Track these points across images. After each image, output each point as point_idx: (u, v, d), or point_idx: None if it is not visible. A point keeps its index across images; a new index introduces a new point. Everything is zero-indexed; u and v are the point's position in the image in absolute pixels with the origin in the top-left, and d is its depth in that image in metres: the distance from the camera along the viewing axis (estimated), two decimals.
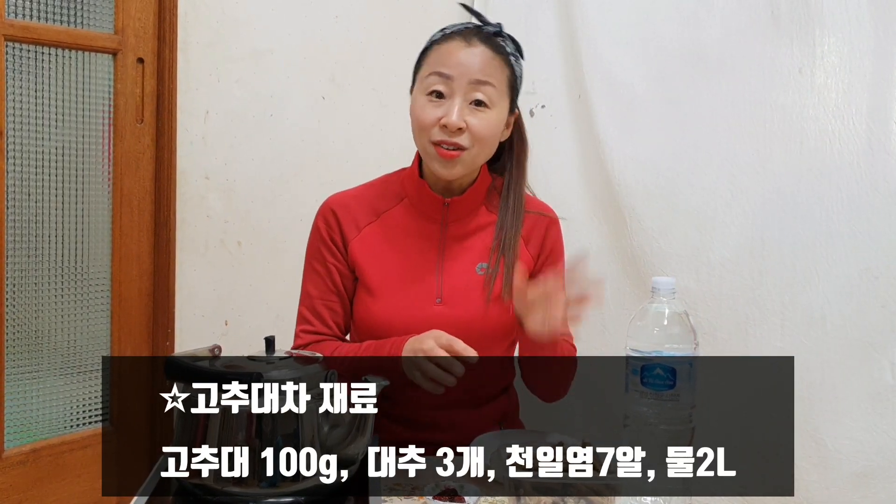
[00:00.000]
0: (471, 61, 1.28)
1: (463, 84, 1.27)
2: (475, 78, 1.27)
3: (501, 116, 1.32)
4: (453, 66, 1.28)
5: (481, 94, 1.28)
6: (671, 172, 2.11)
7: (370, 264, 1.37)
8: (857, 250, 1.91)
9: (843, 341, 1.92)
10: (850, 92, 1.92)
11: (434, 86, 1.29)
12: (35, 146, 1.64)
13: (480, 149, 1.30)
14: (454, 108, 1.26)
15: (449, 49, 1.30)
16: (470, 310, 1.35)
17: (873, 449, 1.90)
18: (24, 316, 1.65)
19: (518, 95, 1.38)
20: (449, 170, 1.30)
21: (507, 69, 1.33)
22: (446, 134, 1.27)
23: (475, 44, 1.29)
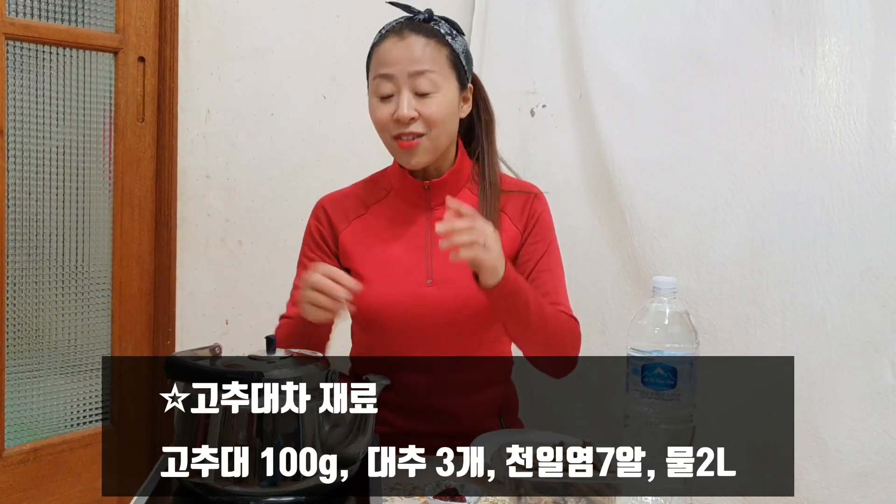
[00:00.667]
0: (405, 54, 1.33)
1: (404, 78, 1.33)
2: (413, 70, 1.32)
3: (451, 97, 1.36)
4: (391, 63, 1.34)
5: (423, 84, 1.32)
6: (672, 172, 2.11)
7: (360, 252, 1.41)
8: (857, 250, 1.91)
9: (843, 341, 1.92)
10: (850, 92, 1.92)
11: (380, 88, 1.36)
12: (36, 145, 1.64)
13: (439, 131, 1.35)
14: (402, 101, 1.32)
15: (385, 48, 1.36)
16: (460, 289, 1.35)
17: (874, 449, 1.90)
18: (24, 315, 1.65)
19: (467, 70, 1.40)
20: (413, 158, 1.36)
21: (445, 48, 1.36)
22: (401, 127, 1.33)
23: (406, 35, 1.34)
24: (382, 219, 1.43)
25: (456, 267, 1.34)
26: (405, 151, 1.36)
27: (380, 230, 1.43)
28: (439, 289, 1.38)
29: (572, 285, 2.20)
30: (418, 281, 1.38)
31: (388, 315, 1.37)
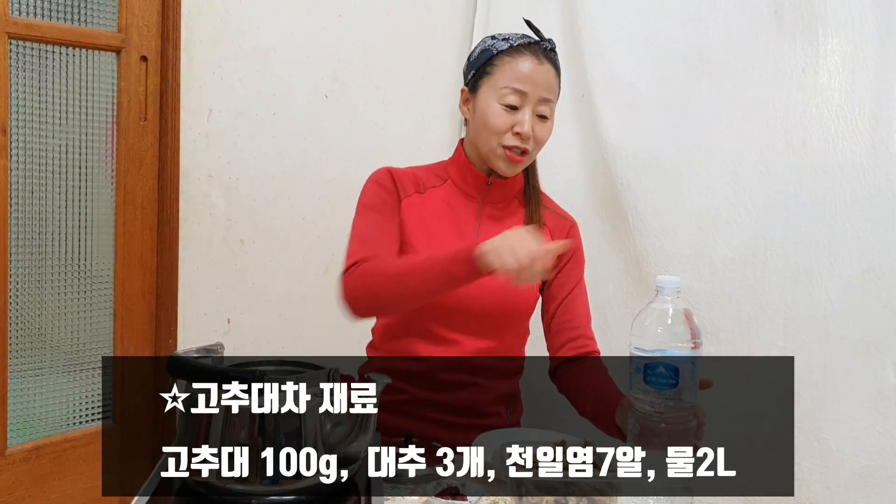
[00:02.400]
0: (543, 80, 1.44)
1: (534, 100, 1.44)
2: (544, 96, 1.44)
3: (553, 124, 1.49)
4: (527, 83, 1.43)
5: (546, 110, 1.45)
6: (674, 171, 2.11)
7: (415, 224, 1.48)
8: (859, 250, 1.90)
9: (845, 341, 1.92)
10: (853, 92, 1.92)
11: (509, 98, 1.44)
12: (39, 144, 1.64)
13: (537, 152, 1.49)
14: (526, 120, 1.43)
15: (526, 66, 1.45)
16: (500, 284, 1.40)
17: (875, 449, 1.89)
18: (27, 313, 1.66)
19: None
20: (514, 169, 1.48)
21: (559, 84, 1.50)
22: (518, 140, 1.43)
23: (544, 62, 1.45)
24: (438, 202, 1.51)
25: None
26: (511, 163, 1.46)
27: (435, 210, 1.50)
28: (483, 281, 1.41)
29: None
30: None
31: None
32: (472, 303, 1.44)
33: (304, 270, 2.13)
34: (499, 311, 1.47)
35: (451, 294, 1.39)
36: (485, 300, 1.44)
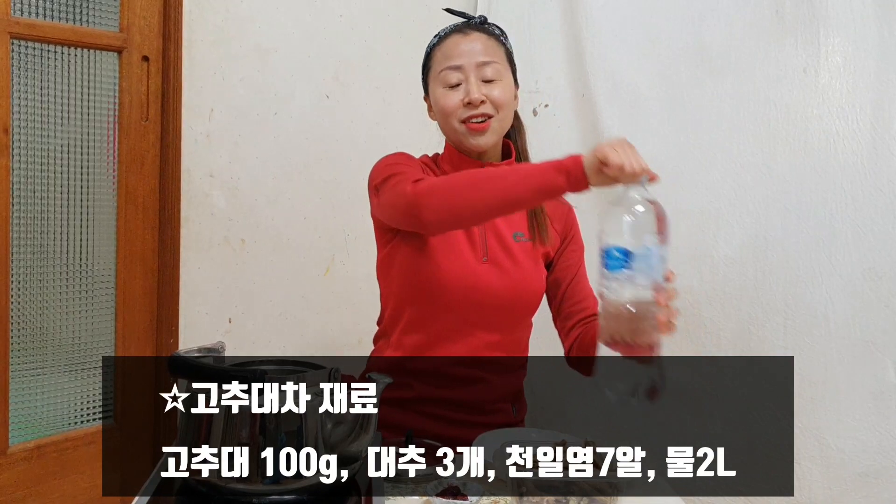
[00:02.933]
0: (472, 47, 1.45)
1: (472, 67, 1.44)
2: (480, 60, 1.44)
3: (510, 86, 1.48)
4: (458, 56, 1.45)
5: (489, 72, 1.44)
6: (674, 171, 2.11)
7: None
8: (860, 250, 1.90)
9: (846, 341, 1.92)
10: (854, 92, 1.92)
11: (448, 78, 1.45)
12: (40, 144, 1.65)
13: (504, 113, 1.46)
14: (472, 86, 1.43)
15: (451, 44, 1.47)
16: (513, 270, 1.47)
17: (876, 449, 1.90)
18: (29, 313, 1.66)
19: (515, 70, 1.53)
20: (482, 138, 1.46)
21: (503, 47, 1.50)
22: (471, 110, 1.43)
23: (469, 33, 1.47)
24: None
25: (507, 249, 1.48)
26: (476, 133, 1.45)
27: None
28: (494, 266, 1.46)
29: None
30: (475, 257, 1.46)
31: (445, 289, 1.43)
32: (484, 294, 1.44)
33: (305, 270, 2.13)
34: (510, 302, 1.47)
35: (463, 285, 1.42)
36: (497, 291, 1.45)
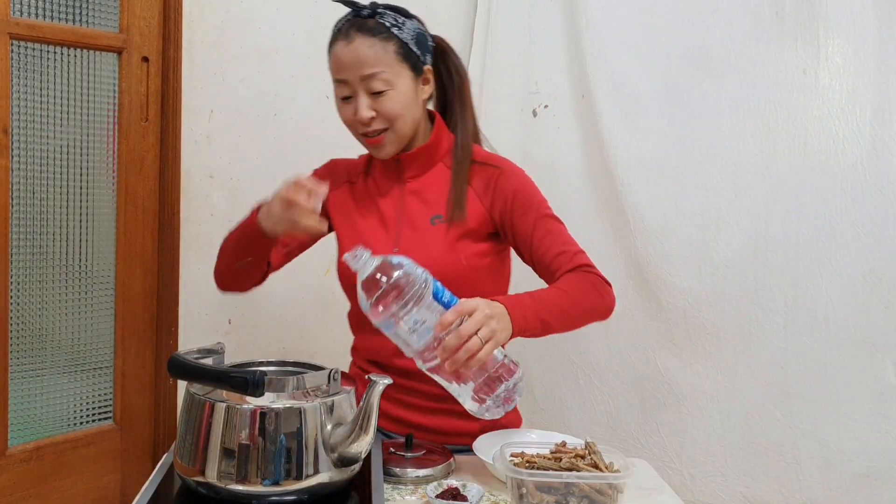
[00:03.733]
0: (354, 59, 1.39)
1: (357, 82, 1.40)
2: (363, 74, 1.39)
3: (405, 89, 1.42)
4: (343, 70, 1.41)
5: (376, 84, 1.39)
6: (675, 173, 2.11)
7: (339, 218, 1.54)
8: (860, 251, 1.91)
9: (846, 342, 1.92)
10: (854, 93, 1.92)
11: (340, 91, 1.44)
12: (40, 144, 1.64)
13: (400, 123, 1.43)
14: (359, 105, 1.40)
15: (336, 54, 1.43)
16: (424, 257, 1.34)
17: (877, 450, 1.90)
18: (28, 314, 1.66)
19: (420, 54, 1.44)
20: (381, 151, 1.46)
21: (391, 43, 1.40)
22: (364, 127, 1.43)
23: (353, 38, 1.40)
24: (362, 192, 1.54)
25: (420, 236, 1.45)
26: (373, 147, 1.46)
27: (361, 200, 1.53)
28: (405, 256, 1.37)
29: None
30: (385, 248, 1.44)
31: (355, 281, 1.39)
32: None
33: (305, 271, 2.12)
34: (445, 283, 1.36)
35: None
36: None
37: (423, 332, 1.16)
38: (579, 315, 1.40)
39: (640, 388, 2.17)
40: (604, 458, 1.23)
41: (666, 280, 2.10)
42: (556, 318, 1.34)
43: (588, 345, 2.22)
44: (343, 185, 1.57)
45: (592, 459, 1.22)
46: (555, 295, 1.36)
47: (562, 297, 1.37)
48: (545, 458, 1.24)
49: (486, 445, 1.36)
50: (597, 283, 1.43)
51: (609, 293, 1.45)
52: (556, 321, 1.34)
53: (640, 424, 2.16)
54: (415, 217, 1.47)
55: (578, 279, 1.41)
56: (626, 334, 2.18)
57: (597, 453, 1.24)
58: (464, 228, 1.44)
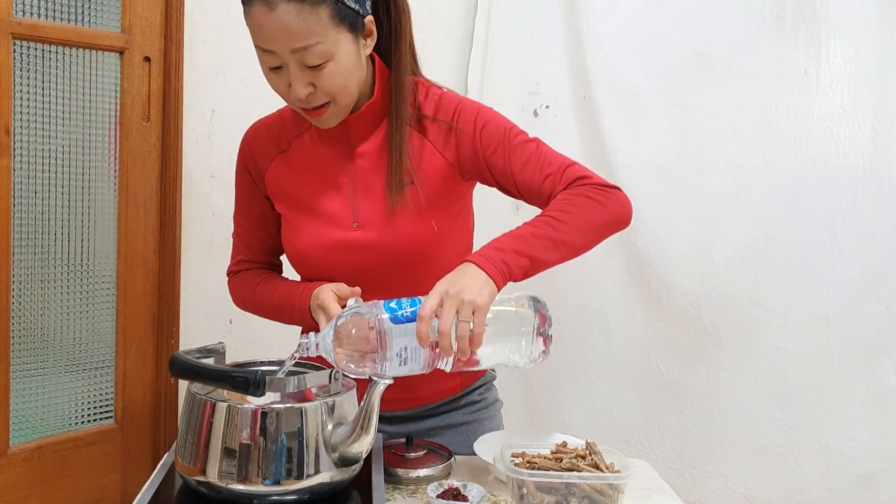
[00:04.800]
0: (280, 30, 1.14)
1: (287, 55, 1.16)
2: (293, 47, 1.15)
3: (346, 56, 1.19)
4: (267, 39, 1.16)
5: (311, 58, 1.16)
6: (676, 173, 2.11)
7: (285, 196, 1.34)
8: (861, 252, 1.91)
9: (847, 343, 1.93)
10: (855, 94, 1.92)
11: (267, 60, 1.20)
12: (42, 144, 1.65)
13: (344, 94, 1.22)
14: (294, 81, 1.19)
15: (255, 20, 1.17)
16: (388, 232, 1.28)
17: (877, 451, 1.90)
18: (30, 313, 1.66)
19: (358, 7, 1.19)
20: (325, 124, 1.26)
21: (323, 7, 1.15)
22: (302, 104, 1.22)
23: (274, 4, 1.13)
24: (304, 157, 1.33)
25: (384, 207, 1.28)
26: (316, 119, 1.25)
27: (302, 172, 1.33)
28: (367, 232, 1.29)
29: (574, 286, 2.21)
30: (345, 225, 1.29)
31: (319, 263, 1.31)
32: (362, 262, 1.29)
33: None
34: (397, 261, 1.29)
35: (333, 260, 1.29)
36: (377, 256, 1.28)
37: (415, 355, 1.11)
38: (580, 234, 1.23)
39: (640, 388, 2.17)
40: (604, 459, 1.22)
41: (667, 280, 2.10)
42: (546, 248, 1.19)
43: (589, 345, 2.22)
44: (275, 159, 1.36)
45: (593, 460, 1.22)
46: (541, 224, 1.20)
47: (549, 223, 1.20)
48: (546, 459, 1.24)
49: (486, 446, 1.36)
50: (594, 192, 1.25)
51: (615, 196, 1.28)
52: (548, 251, 1.19)
53: (640, 425, 2.16)
54: (371, 185, 1.29)
55: (570, 195, 1.24)
56: (627, 334, 2.18)
57: (597, 454, 1.24)
58: (429, 189, 1.28)
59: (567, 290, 2.23)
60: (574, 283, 2.23)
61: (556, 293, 2.25)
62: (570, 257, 1.23)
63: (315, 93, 1.20)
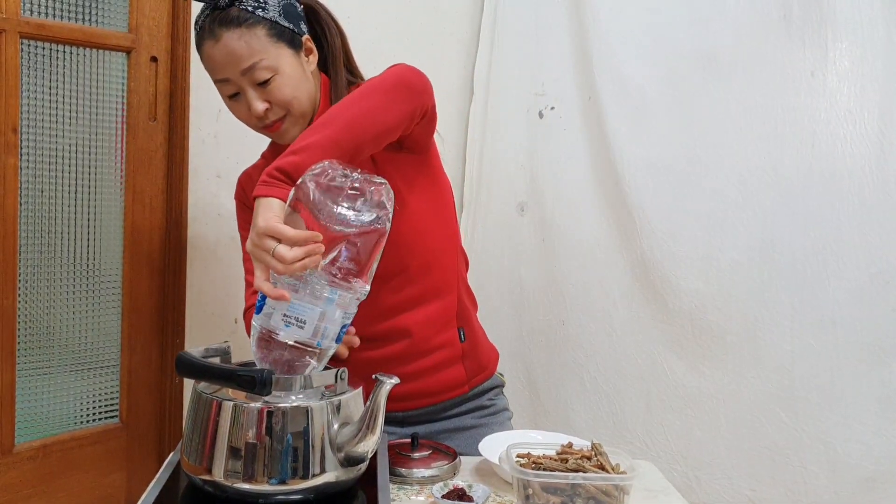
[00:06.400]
0: (227, 57, 1.31)
1: (238, 78, 1.32)
2: (241, 68, 1.31)
3: (290, 68, 1.34)
4: (219, 69, 1.33)
5: (259, 74, 1.31)
6: (681, 174, 2.11)
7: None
8: (867, 254, 1.90)
9: (852, 345, 1.92)
10: (862, 95, 1.92)
11: (224, 90, 1.36)
12: (49, 143, 1.65)
13: (295, 105, 1.35)
14: (250, 100, 1.33)
15: (206, 54, 1.34)
16: None
17: (882, 453, 1.89)
18: (36, 312, 1.66)
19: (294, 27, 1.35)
20: (284, 138, 1.38)
21: (260, 27, 1.31)
22: (262, 121, 1.35)
23: (219, 35, 1.30)
24: None
25: None
26: (276, 135, 1.39)
27: None
28: None
29: (579, 288, 2.21)
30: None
31: None
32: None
33: None
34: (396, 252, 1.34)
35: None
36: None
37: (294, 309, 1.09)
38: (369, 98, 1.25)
39: (645, 390, 2.17)
40: (610, 460, 1.22)
41: (672, 282, 2.10)
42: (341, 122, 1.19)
43: (593, 347, 2.22)
44: None
45: (599, 460, 1.22)
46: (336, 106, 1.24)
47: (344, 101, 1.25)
48: (551, 459, 1.24)
49: (492, 446, 1.36)
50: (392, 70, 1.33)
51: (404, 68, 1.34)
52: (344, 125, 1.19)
53: (645, 426, 2.16)
54: None
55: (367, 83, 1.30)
56: (632, 336, 2.18)
57: (603, 454, 1.24)
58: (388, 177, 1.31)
59: (572, 291, 2.23)
60: (579, 284, 2.23)
61: (561, 294, 2.25)
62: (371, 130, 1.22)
63: (271, 107, 1.34)
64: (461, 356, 1.48)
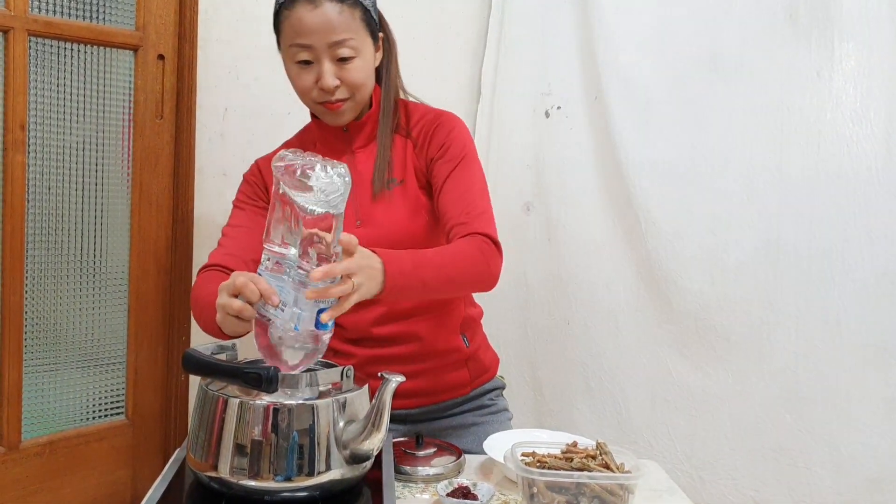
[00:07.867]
0: (321, 25, 1.33)
1: (323, 48, 1.34)
2: (332, 40, 1.34)
3: (369, 57, 1.40)
4: (307, 34, 1.34)
5: (344, 51, 1.35)
6: (687, 175, 2.11)
7: None
8: (873, 255, 1.90)
9: (858, 346, 1.92)
10: (868, 96, 1.92)
11: (298, 55, 1.37)
12: (56, 141, 1.65)
13: (362, 92, 1.41)
14: (325, 72, 1.35)
15: (298, 17, 1.34)
16: (390, 227, 1.40)
17: (888, 455, 1.89)
18: (43, 310, 1.67)
19: (377, 21, 1.44)
20: (339, 119, 1.43)
21: (358, 10, 1.36)
22: (326, 95, 1.38)
23: (319, 3, 1.33)
24: None
25: (381, 206, 1.43)
26: (332, 113, 1.41)
27: None
28: (369, 230, 1.41)
29: (584, 288, 2.21)
30: (348, 224, 1.40)
31: None
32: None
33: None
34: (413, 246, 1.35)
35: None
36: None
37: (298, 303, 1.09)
38: (458, 278, 1.31)
39: (650, 390, 2.17)
40: (615, 459, 1.23)
41: (677, 283, 2.09)
42: (434, 278, 1.26)
43: (598, 347, 2.22)
44: None
45: (603, 460, 1.22)
46: (437, 256, 1.29)
47: (443, 257, 1.29)
48: (556, 458, 1.24)
49: (497, 445, 1.36)
50: (485, 249, 1.34)
51: (495, 262, 1.36)
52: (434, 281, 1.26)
53: (649, 427, 2.16)
54: (369, 187, 1.45)
55: (467, 242, 1.33)
56: (637, 336, 2.18)
57: (608, 454, 1.24)
58: (417, 187, 1.44)
59: (577, 291, 2.23)
60: (584, 284, 2.23)
61: (567, 294, 2.25)
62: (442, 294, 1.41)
63: (340, 86, 1.37)
64: (466, 360, 1.51)
